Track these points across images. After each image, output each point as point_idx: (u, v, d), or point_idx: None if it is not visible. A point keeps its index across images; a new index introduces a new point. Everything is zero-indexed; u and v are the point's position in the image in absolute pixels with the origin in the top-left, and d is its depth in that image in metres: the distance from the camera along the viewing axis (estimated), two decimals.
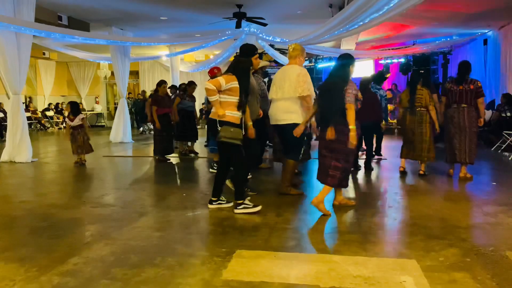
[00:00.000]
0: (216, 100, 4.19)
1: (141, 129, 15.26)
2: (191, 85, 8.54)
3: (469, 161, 5.83)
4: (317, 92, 4.73)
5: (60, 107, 17.44)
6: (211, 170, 6.74)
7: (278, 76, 4.92)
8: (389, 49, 14.44)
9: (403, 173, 6.28)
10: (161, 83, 7.96)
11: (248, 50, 4.76)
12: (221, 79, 4.18)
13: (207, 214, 4.36)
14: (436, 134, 6.05)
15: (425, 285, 2.63)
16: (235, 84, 4.21)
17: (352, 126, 4.07)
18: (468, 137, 5.76)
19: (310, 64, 16.53)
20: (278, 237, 3.63)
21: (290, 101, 4.72)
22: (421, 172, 6.12)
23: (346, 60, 4.32)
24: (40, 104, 17.57)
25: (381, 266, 2.94)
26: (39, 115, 16.61)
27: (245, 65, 4.43)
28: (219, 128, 4.19)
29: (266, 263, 3.01)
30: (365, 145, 6.99)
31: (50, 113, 17.12)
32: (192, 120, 8.60)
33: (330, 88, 4.26)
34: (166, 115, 7.84)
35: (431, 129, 5.93)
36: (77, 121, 7.31)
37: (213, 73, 6.82)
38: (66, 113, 7.72)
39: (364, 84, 6.60)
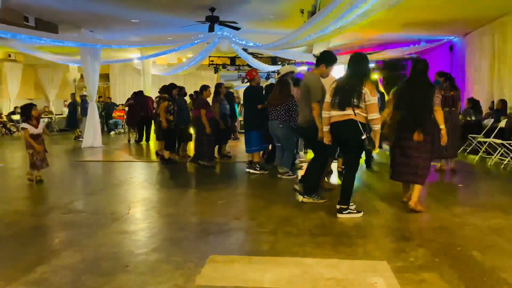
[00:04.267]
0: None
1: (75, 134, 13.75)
2: (221, 85, 8.37)
3: (455, 155, 6.75)
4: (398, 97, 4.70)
5: (18, 111, 16.42)
6: (250, 170, 6.82)
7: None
8: None
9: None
10: (206, 87, 7.89)
11: (330, 58, 4.91)
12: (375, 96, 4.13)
13: (180, 219, 4.32)
14: None
15: (396, 286, 2.69)
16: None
17: (442, 126, 4.48)
18: (456, 135, 6.60)
19: None
20: (252, 241, 3.64)
21: None
22: None
23: (425, 65, 4.55)
24: (6, 108, 16.98)
25: (353, 268, 2.99)
26: (5, 119, 16.04)
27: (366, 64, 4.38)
28: (364, 136, 4.09)
29: (240, 268, 3.01)
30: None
31: (16, 117, 16.52)
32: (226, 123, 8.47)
33: (424, 94, 4.41)
34: (213, 119, 7.70)
35: None
36: (41, 128, 6.19)
37: (252, 76, 6.85)
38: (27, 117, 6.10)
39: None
